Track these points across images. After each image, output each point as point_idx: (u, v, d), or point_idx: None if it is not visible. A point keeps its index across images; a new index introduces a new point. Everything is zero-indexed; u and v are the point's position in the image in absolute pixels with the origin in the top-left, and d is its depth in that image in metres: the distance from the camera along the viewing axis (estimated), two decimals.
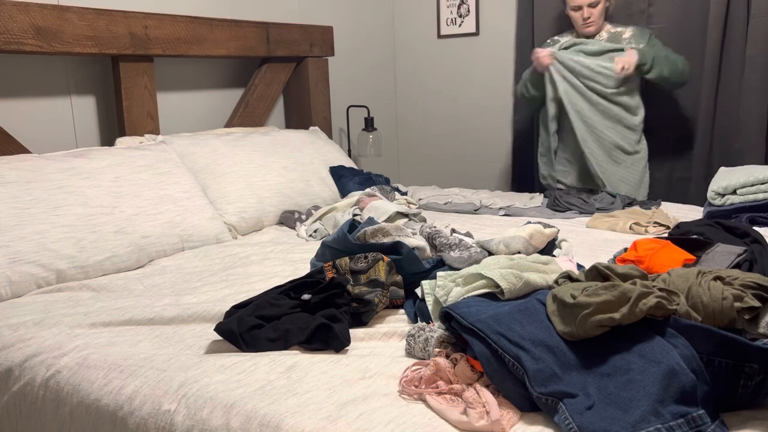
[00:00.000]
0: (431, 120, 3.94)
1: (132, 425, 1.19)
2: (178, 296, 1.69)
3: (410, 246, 1.67)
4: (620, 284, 1.15)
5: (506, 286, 1.31)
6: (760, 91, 2.83)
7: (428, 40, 3.85)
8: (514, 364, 1.09)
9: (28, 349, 1.42)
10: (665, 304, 1.13)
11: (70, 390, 1.30)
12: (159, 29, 2.54)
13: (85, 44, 2.33)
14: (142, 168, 2.22)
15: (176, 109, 2.82)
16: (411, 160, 4.06)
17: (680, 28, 3.03)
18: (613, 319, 1.09)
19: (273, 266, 1.92)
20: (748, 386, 1.05)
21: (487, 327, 1.14)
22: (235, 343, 1.35)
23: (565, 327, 1.13)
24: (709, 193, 2.35)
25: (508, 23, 3.53)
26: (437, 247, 1.80)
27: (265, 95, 3.10)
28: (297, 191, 2.64)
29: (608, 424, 0.98)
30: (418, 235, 1.85)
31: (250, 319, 1.39)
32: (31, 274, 1.81)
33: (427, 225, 1.94)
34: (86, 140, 2.53)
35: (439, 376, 1.15)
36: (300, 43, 3.14)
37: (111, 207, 2.03)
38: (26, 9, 2.17)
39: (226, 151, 2.56)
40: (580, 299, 1.13)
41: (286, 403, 1.12)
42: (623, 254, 1.66)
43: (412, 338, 1.29)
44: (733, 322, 1.13)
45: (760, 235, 1.72)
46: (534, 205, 2.68)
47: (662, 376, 1.01)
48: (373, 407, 1.09)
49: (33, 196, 1.93)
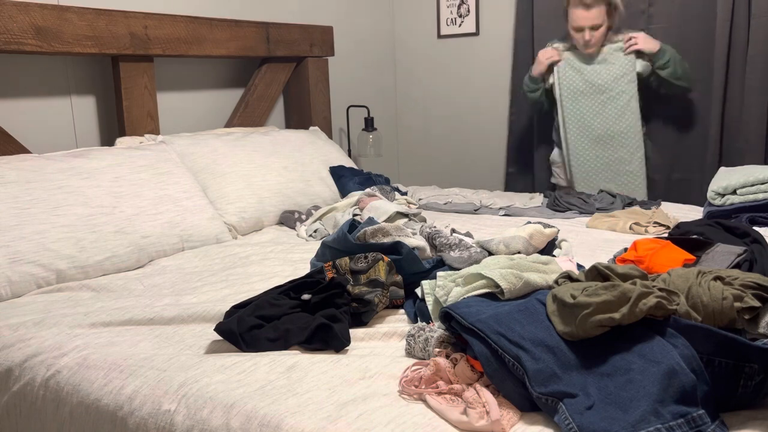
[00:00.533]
0: (431, 120, 3.94)
1: (132, 425, 1.19)
2: (178, 296, 1.69)
3: (410, 246, 1.67)
4: (620, 284, 1.15)
5: (506, 286, 1.31)
6: (760, 91, 2.83)
7: (428, 40, 3.85)
8: (514, 364, 1.09)
9: (28, 349, 1.42)
10: (665, 304, 1.13)
11: (70, 390, 1.30)
12: (159, 29, 2.54)
13: (85, 44, 2.33)
14: (142, 168, 2.22)
15: (176, 109, 2.82)
16: (411, 160, 4.06)
17: (681, 28, 3.03)
18: (613, 319, 1.09)
19: (273, 266, 1.92)
20: (748, 386, 1.05)
21: (487, 327, 1.14)
22: (235, 343, 1.35)
23: (565, 327, 1.13)
24: (709, 193, 2.35)
25: (507, 23, 3.53)
26: (437, 247, 1.80)
27: (265, 95, 3.10)
28: (297, 191, 2.64)
29: (608, 424, 0.97)
30: (418, 235, 1.85)
31: (250, 319, 1.39)
32: (31, 274, 1.81)
33: (427, 225, 1.94)
34: (86, 140, 2.53)
35: (439, 376, 1.15)
36: (300, 43, 3.14)
37: (111, 207, 2.03)
38: (26, 9, 2.17)
39: (226, 151, 2.56)
40: (580, 299, 1.13)
41: (286, 403, 1.12)
42: (623, 254, 1.66)
43: (412, 338, 1.29)
44: (733, 322, 1.13)
45: (760, 235, 1.72)
46: (534, 205, 2.68)
47: (662, 376, 1.01)
48: (373, 407, 1.09)
49: (33, 196, 1.93)
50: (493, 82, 3.66)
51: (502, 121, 3.66)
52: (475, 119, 3.77)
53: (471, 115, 3.79)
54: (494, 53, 3.63)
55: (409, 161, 4.06)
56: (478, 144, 3.78)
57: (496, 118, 3.68)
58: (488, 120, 3.72)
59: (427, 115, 3.95)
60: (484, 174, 3.75)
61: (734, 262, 1.55)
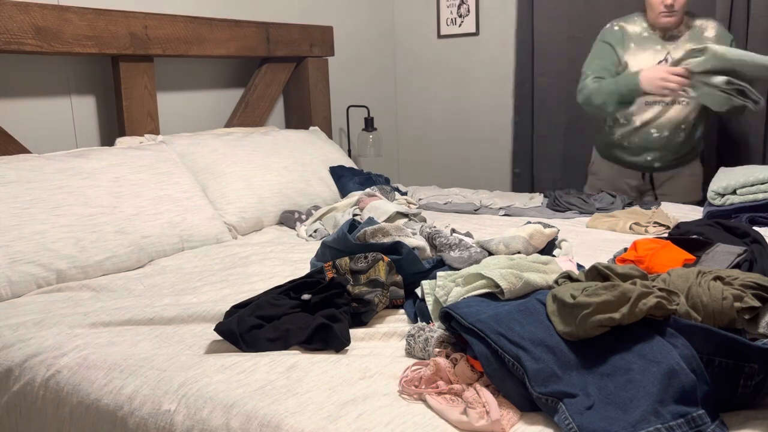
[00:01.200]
0: (431, 120, 3.94)
1: (132, 425, 1.19)
2: (178, 296, 1.69)
3: (410, 246, 1.67)
4: (620, 284, 1.15)
5: (506, 286, 1.31)
6: (759, 91, 2.82)
7: (428, 40, 3.85)
8: (514, 364, 1.09)
9: (28, 349, 1.42)
10: (665, 304, 1.13)
11: (70, 390, 1.30)
12: (159, 29, 2.54)
13: (85, 44, 2.33)
14: (142, 168, 2.22)
15: (176, 109, 2.82)
16: (411, 160, 4.06)
17: None
18: (613, 319, 1.09)
19: (273, 266, 1.92)
20: (748, 386, 1.05)
21: (487, 327, 1.14)
22: (235, 343, 1.35)
23: (565, 327, 1.13)
24: (709, 193, 2.35)
25: (508, 23, 3.53)
26: (437, 247, 1.80)
27: (265, 95, 3.10)
28: (297, 191, 2.64)
29: (608, 424, 0.98)
30: (418, 235, 1.85)
31: (250, 319, 1.39)
32: (31, 274, 1.81)
33: (427, 225, 1.94)
34: (86, 140, 2.53)
35: (439, 376, 1.15)
36: (300, 43, 3.14)
37: (111, 207, 2.03)
38: (26, 9, 2.17)
39: (226, 151, 2.56)
40: (580, 299, 1.13)
41: (286, 403, 1.11)
42: (623, 254, 1.66)
43: (413, 338, 1.29)
44: (733, 322, 1.13)
45: (760, 235, 1.72)
46: (534, 205, 2.68)
47: (662, 376, 1.01)
48: (373, 407, 1.09)
49: (33, 196, 1.93)
50: (493, 82, 3.66)
51: (504, 121, 3.66)
52: (476, 119, 3.77)
53: (471, 115, 3.79)
54: (494, 53, 3.63)
55: (409, 161, 4.06)
56: (479, 144, 3.78)
57: (497, 118, 3.68)
58: (489, 120, 3.72)
59: (427, 115, 3.95)
60: (489, 174, 3.75)
61: (734, 262, 1.55)
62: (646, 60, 2.61)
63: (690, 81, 2.40)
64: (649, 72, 2.50)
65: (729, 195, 2.28)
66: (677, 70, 2.42)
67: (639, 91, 2.52)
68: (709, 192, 2.35)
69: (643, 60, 2.61)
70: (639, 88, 2.51)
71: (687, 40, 2.56)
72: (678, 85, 2.41)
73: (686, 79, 2.41)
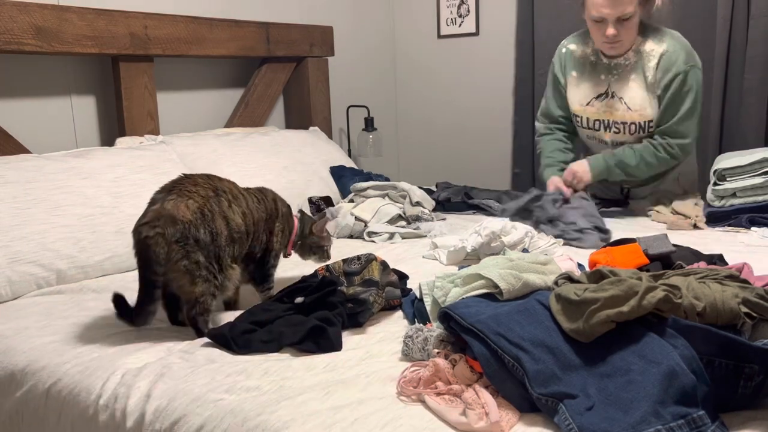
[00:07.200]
0: (431, 120, 3.94)
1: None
2: None
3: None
4: (626, 279, 1.15)
5: (505, 287, 1.31)
6: (759, 91, 2.82)
7: (428, 40, 3.85)
8: (513, 364, 1.08)
9: (31, 353, 1.41)
10: (672, 297, 1.12)
11: (71, 398, 1.29)
12: (159, 29, 2.54)
13: (85, 44, 2.32)
14: (142, 168, 2.21)
15: (176, 109, 2.82)
16: (411, 160, 4.05)
17: (681, 28, 3.02)
18: (621, 313, 1.09)
19: None
20: (748, 387, 1.04)
21: (486, 327, 1.14)
22: (225, 345, 1.34)
23: (571, 324, 1.12)
24: (709, 195, 2.34)
25: (508, 23, 3.52)
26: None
27: (265, 95, 3.10)
28: (297, 191, 2.64)
29: (608, 424, 0.97)
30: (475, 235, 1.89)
31: (243, 324, 1.38)
32: (31, 274, 1.80)
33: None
34: (86, 140, 2.53)
35: (438, 376, 1.15)
36: (300, 43, 3.14)
37: (111, 207, 2.03)
38: (26, 9, 2.17)
39: (226, 151, 2.56)
40: (587, 295, 1.12)
41: (281, 409, 1.10)
42: (593, 254, 1.63)
43: (410, 339, 1.28)
44: (736, 317, 1.12)
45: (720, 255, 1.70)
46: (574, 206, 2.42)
47: (662, 376, 1.01)
48: (369, 411, 1.08)
49: (33, 196, 1.93)
50: (493, 82, 3.65)
51: (504, 121, 3.65)
52: (476, 119, 3.77)
53: (471, 115, 3.78)
54: (494, 53, 3.62)
55: (409, 161, 4.06)
56: (480, 143, 3.77)
57: (497, 118, 3.68)
58: (489, 120, 3.71)
59: (427, 115, 3.95)
60: (489, 174, 3.74)
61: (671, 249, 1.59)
62: (584, 94, 2.45)
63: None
64: (555, 180, 2.46)
65: (729, 197, 2.27)
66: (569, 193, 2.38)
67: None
68: (708, 194, 2.35)
69: (581, 94, 2.46)
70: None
71: (631, 70, 2.34)
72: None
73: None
